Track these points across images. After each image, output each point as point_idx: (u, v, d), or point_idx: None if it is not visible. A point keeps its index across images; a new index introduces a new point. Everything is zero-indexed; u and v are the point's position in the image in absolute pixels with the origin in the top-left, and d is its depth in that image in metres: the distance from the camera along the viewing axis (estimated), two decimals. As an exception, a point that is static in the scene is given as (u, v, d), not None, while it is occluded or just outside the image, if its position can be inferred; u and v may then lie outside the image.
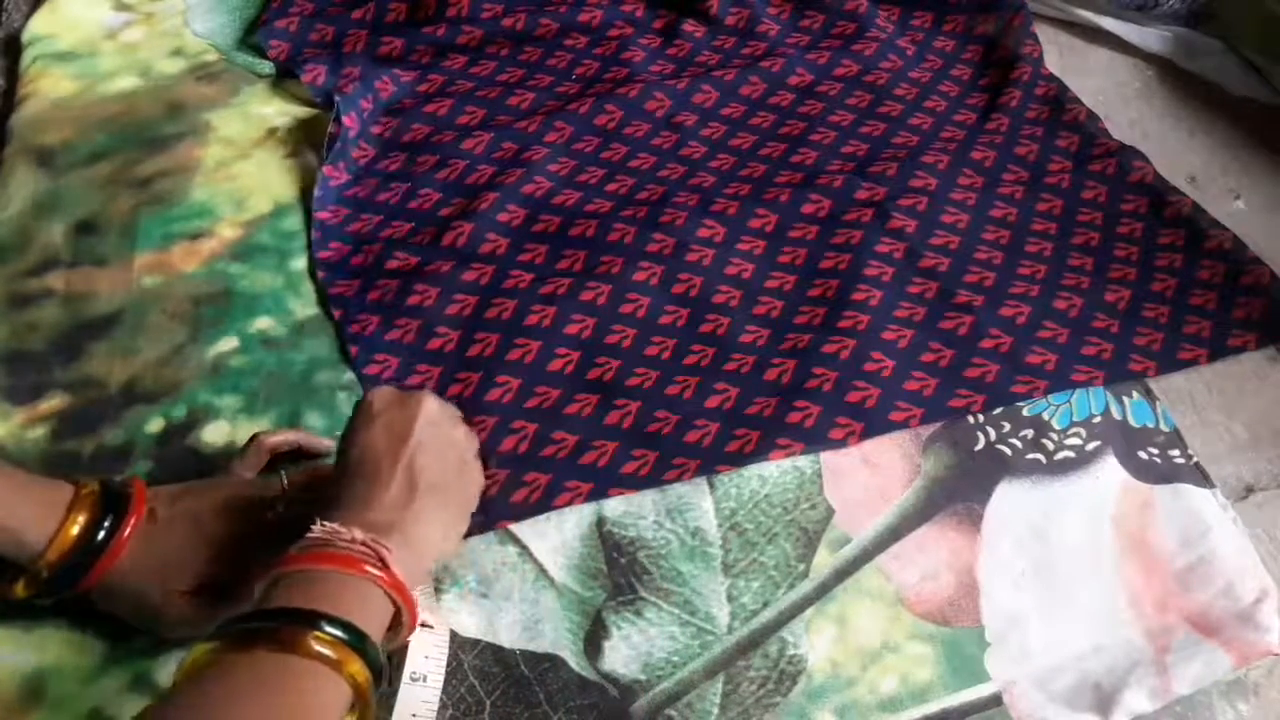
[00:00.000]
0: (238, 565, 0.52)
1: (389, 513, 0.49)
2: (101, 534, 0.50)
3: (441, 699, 0.53)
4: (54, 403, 0.64)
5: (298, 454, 0.61)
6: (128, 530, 0.50)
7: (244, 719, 0.38)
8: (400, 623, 0.47)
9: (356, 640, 0.42)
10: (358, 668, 0.41)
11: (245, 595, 0.46)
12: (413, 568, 0.47)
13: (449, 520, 0.53)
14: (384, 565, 0.45)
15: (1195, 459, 0.65)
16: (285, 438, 0.60)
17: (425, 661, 0.52)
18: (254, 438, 0.59)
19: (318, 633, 0.41)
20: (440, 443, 0.53)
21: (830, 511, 0.62)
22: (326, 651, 0.41)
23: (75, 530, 0.49)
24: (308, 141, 0.78)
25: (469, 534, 0.57)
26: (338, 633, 0.41)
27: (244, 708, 0.38)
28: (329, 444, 0.62)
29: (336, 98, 0.78)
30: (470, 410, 0.63)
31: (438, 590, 0.57)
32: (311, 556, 0.45)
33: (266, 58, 0.84)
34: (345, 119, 0.77)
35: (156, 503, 0.53)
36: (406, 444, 0.51)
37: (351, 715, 0.42)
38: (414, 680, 0.50)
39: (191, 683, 0.40)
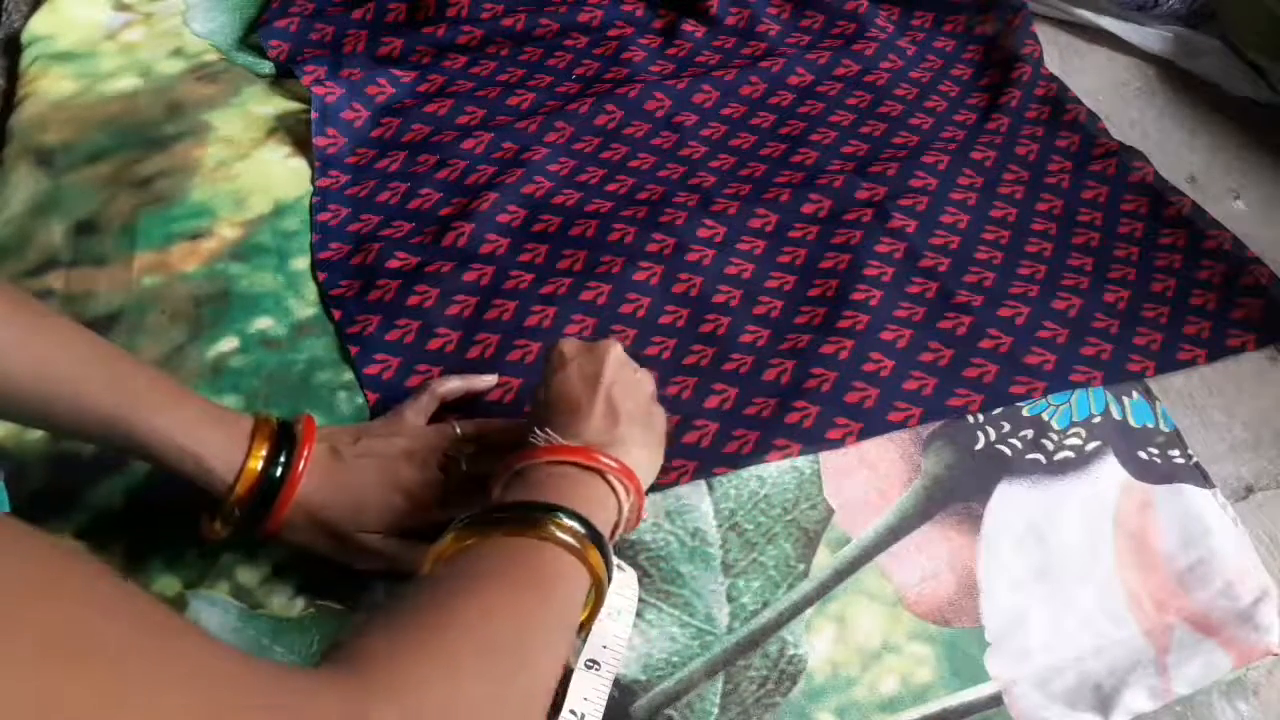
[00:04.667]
0: (428, 511, 0.55)
1: (597, 436, 0.51)
2: (279, 470, 0.52)
3: None
4: (54, 403, 0.64)
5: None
6: (301, 465, 0.52)
7: (497, 597, 0.40)
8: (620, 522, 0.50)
9: (593, 534, 0.45)
10: (596, 559, 0.44)
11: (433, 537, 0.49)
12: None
13: (651, 446, 0.55)
14: (613, 459, 0.49)
15: (1195, 459, 0.65)
16: (456, 386, 0.63)
17: (584, 703, 0.52)
18: (427, 385, 0.62)
19: (559, 521, 0.44)
20: (630, 381, 0.55)
21: (830, 512, 0.62)
22: (570, 540, 0.44)
23: (258, 464, 0.52)
24: (308, 141, 0.78)
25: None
26: (576, 525, 0.44)
27: (497, 587, 0.41)
28: (491, 380, 0.65)
29: (316, 112, 0.78)
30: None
31: None
32: (547, 450, 0.49)
33: (266, 58, 0.84)
34: (329, 130, 0.78)
35: (335, 441, 0.55)
36: (601, 381, 0.53)
37: (586, 607, 0.45)
38: (574, 716, 0.50)
39: (445, 565, 0.43)
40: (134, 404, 0.50)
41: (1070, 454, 0.65)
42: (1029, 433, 0.66)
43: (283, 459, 0.52)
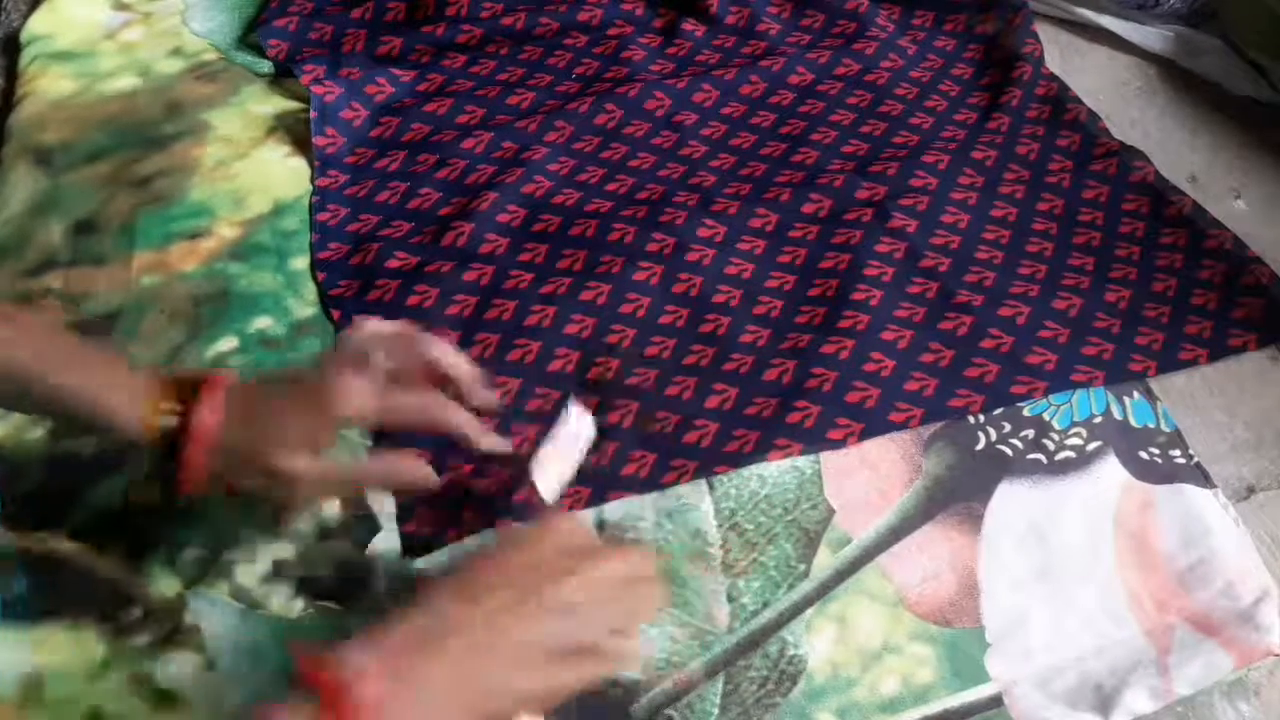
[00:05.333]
0: (350, 415, 0.52)
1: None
2: (177, 419, 0.51)
3: None
4: (53, 403, 0.63)
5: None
6: (204, 411, 0.51)
7: None
8: None
9: None
10: None
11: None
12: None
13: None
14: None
15: (1196, 459, 0.65)
16: (385, 328, 0.56)
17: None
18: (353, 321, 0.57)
19: None
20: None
21: (830, 512, 0.62)
22: None
23: (159, 418, 0.51)
24: (307, 141, 0.78)
25: None
26: None
27: None
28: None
29: (315, 111, 0.78)
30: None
31: None
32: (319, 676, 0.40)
33: (265, 57, 0.84)
34: (328, 130, 0.78)
35: (233, 380, 0.53)
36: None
37: None
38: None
39: None
40: (52, 365, 0.50)
41: (1071, 454, 0.65)
42: (1030, 433, 0.65)
43: (181, 409, 0.51)
